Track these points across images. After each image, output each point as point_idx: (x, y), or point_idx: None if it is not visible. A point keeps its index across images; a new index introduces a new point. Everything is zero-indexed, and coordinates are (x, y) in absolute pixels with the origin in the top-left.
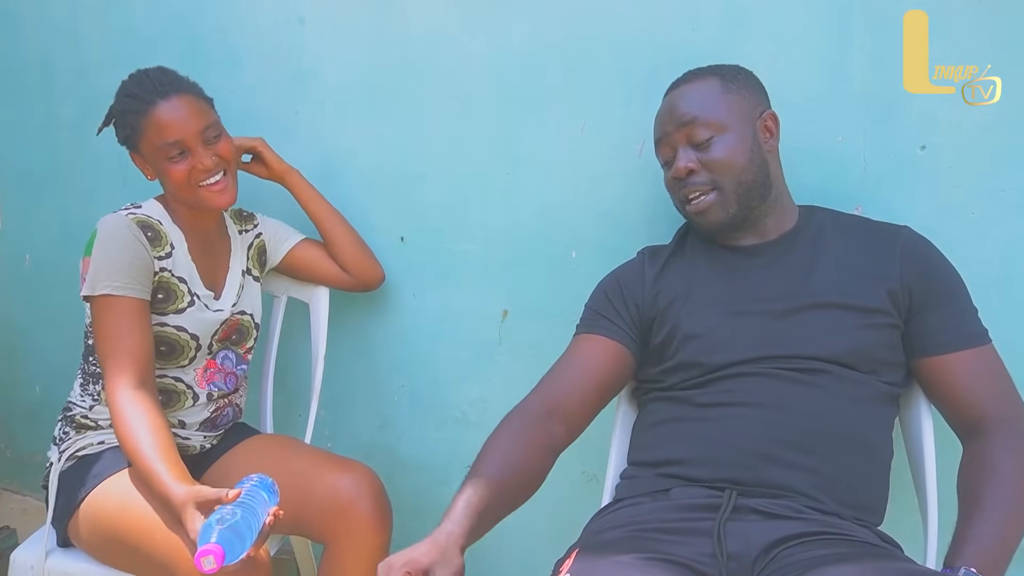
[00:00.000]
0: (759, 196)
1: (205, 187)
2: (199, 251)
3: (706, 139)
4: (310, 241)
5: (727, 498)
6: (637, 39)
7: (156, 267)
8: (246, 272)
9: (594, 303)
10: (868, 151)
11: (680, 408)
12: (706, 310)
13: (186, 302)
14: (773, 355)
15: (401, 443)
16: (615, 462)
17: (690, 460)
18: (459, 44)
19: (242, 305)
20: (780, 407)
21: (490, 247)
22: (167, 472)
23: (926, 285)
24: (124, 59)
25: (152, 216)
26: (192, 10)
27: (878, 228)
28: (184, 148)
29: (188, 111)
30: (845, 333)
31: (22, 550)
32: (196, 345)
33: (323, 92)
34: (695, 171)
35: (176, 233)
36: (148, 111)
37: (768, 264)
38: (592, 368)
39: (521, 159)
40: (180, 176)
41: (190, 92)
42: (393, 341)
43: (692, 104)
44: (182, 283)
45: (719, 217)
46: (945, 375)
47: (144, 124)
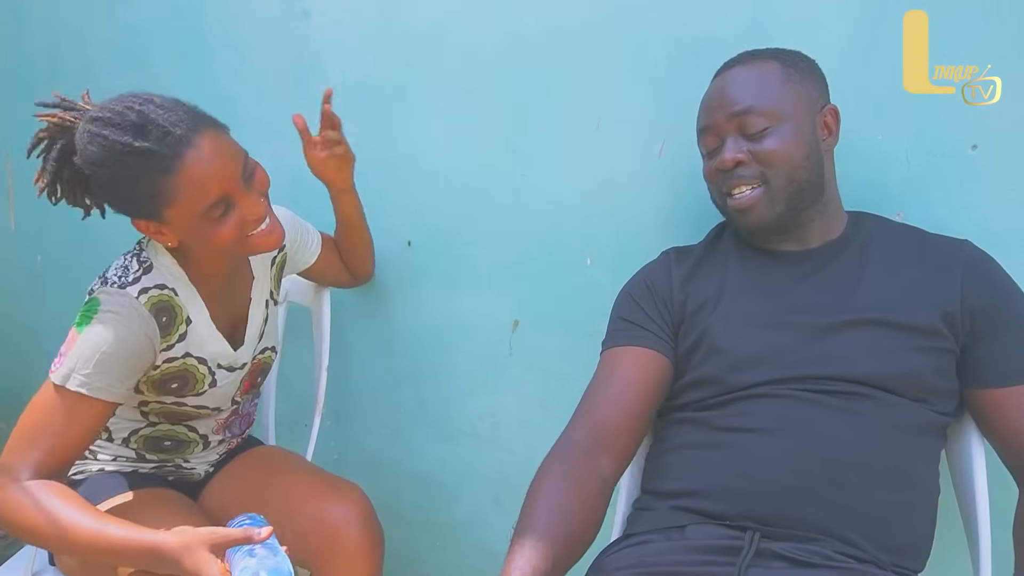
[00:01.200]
0: (809, 198)
1: (256, 235)
2: (221, 306)
3: (761, 129)
4: (327, 243)
5: (749, 540)
6: (657, 27)
7: (159, 360)
8: (268, 303)
9: (621, 310)
10: (912, 150)
11: (696, 432)
12: (735, 320)
13: (207, 384)
14: (806, 375)
15: (408, 457)
16: (627, 489)
17: (707, 493)
18: (467, 36)
19: (264, 343)
20: (812, 435)
21: (500, 253)
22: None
23: (990, 309)
24: (129, 56)
25: (167, 286)
26: (195, 5)
27: (936, 241)
28: (229, 201)
29: (222, 153)
30: (892, 355)
31: (5, 569)
32: (217, 412)
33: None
34: (744, 162)
35: (194, 301)
36: (176, 169)
37: (807, 273)
38: (633, 387)
39: (532, 159)
40: (231, 234)
41: (209, 125)
42: (399, 350)
43: (747, 90)
44: (202, 364)
45: (764, 216)
46: (1004, 410)
47: (172, 187)
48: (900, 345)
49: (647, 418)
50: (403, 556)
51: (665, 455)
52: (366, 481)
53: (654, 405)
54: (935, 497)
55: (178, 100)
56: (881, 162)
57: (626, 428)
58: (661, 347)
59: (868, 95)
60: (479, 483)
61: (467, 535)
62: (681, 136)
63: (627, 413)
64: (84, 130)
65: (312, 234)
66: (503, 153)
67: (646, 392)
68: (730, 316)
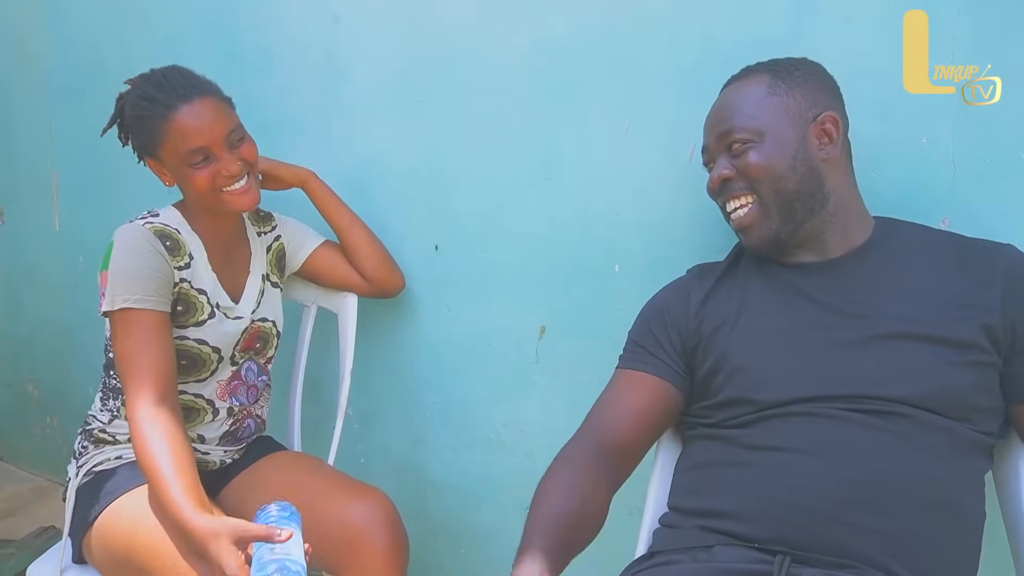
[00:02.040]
0: (806, 209)
1: (228, 192)
2: (219, 259)
3: (742, 146)
4: (330, 244)
5: (779, 565)
6: (689, 28)
7: (176, 278)
8: (265, 278)
9: (636, 333)
10: (959, 154)
11: (726, 449)
12: (757, 338)
13: (206, 314)
14: (839, 394)
15: (433, 463)
16: (653, 505)
17: (736, 514)
18: (494, 39)
19: (263, 312)
20: (846, 457)
21: (527, 258)
22: (185, 498)
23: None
24: (169, 59)
25: (170, 225)
26: (228, 9)
27: (974, 246)
28: (208, 154)
29: (212, 115)
30: (931, 370)
31: (38, 564)
32: (218, 358)
33: (356, 93)
34: (730, 178)
35: (195, 242)
36: (170, 115)
37: (832, 284)
38: (636, 408)
39: (560, 163)
40: (204, 182)
41: (212, 94)
42: (425, 355)
43: (731, 109)
44: (201, 295)
45: (763, 233)
46: None
47: (165, 129)
48: (937, 360)
49: (648, 441)
50: (427, 563)
51: (693, 471)
52: (391, 486)
53: (657, 429)
54: (980, 523)
55: (204, 77)
56: (926, 167)
57: (628, 441)
58: (667, 374)
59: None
60: (503, 491)
61: (491, 543)
62: None
63: (627, 429)
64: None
65: (311, 234)
66: (530, 157)
67: (647, 415)
68: (752, 334)
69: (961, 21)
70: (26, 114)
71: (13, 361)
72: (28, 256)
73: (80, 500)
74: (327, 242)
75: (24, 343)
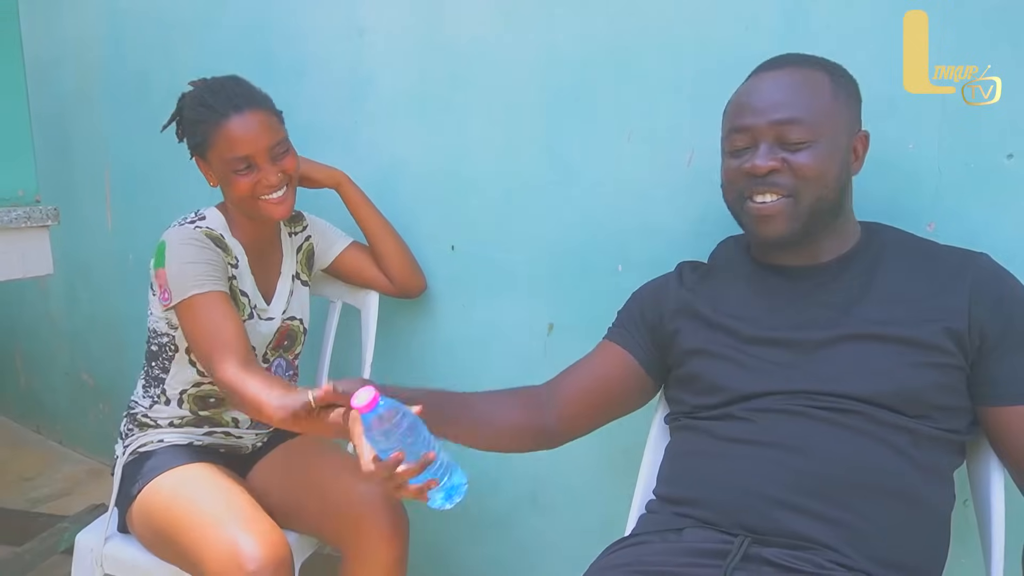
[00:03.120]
0: (826, 219)
1: (266, 200)
2: (257, 263)
3: (801, 141)
4: (357, 245)
5: (737, 545)
6: (686, 39)
7: (230, 272)
8: (295, 277)
9: (623, 310)
10: (944, 160)
11: (701, 440)
12: (734, 334)
13: (246, 315)
14: (803, 390)
15: (450, 451)
16: (641, 491)
17: (705, 501)
18: (506, 51)
19: (292, 311)
20: (809, 451)
21: (537, 258)
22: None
23: (1001, 326)
24: (211, 71)
25: (216, 229)
26: (264, 24)
27: (948, 253)
28: (251, 163)
29: (260, 127)
30: (890, 371)
31: (85, 533)
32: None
33: (379, 101)
34: (778, 171)
35: (238, 247)
36: (221, 123)
37: (813, 289)
38: (599, 373)
39: (567, 168)
40: (244, 189)
41: (263, 107)
42: (443, 349)
43: (796, 99)
44: (243, 296)
45: (782, 229)
46: (1012, 430)
47: (215, 135)
48: (899, 361)
49: (605, 403)
50: (444, 549)
51: (674, 460)
52: None
53: (615, 396)
54: (944, 513)
55: (260, 90)
56: (912, 172)
57: (578, 403)
58: (634, 349)
59: (901, 97)
60: (517, 480)
61: (505, 530)
62: (710, 146)
63: (582, 391)
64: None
65: (339, 236)
66: (539, 162)
67: (606, 382)
68: (729, 329)
69: (961, 21)
70: (82, 121)
71: (70, 352)
72: (83, 254)
73: (125, 476)
74: (355, 243)
75: (80, 335)
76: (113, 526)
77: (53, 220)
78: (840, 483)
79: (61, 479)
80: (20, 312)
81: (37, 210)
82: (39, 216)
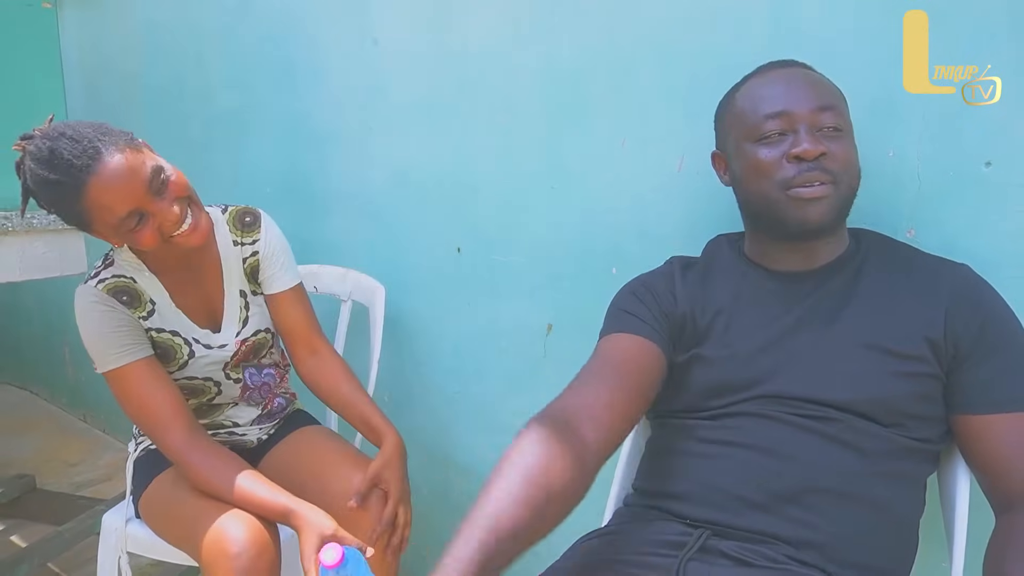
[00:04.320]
0: (846, 213)
1: (179, 235)
2: (184, 292)
3: (837, 128)
4: (298, 290)
5: (696, 537)
6: (677, 48)
7: (144, 326)
8: (244, 293)
9: (622, 303)
10: (923, 167)
11: (683, 440)
12: (733, 338)
13: (185, 354)
14: (781, 395)
15: (457, 449)
16: (619, 483)
17: (678, 496)
18: (508, 61)
19: (252, 327)
20: (783, 455)
21: (536, 261)
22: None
23: (976, 335)
24: (238, 79)
25: (125, 275)
26: (286, 35)
27: (929, 263)
28: (142, 213)
29: (126, 175)
30: (867, 379)
31: (111, 514)
32: (215, 384)
33: (391, 109)
34: (827, 154)
35: (154, 285)
36: (83, 194)
37: (802, 295)
38: (623, 369)
39: (565, 173)
40: (151, 239)
41: (114, 149)
42: (449, 349)
43: (828, 90)
44: (175, 336)
45: (824, 214)
46: (984, 439)
47: (86, 209)
48: (878, 370)
49: (637, 403)
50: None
51: (654, 457)
52: (419, 469)
53: (647, 391)
54: (913, 520)
55: (95, 125)
56: (892, 178)
57: (610, 408)
58: (655, 338)
59: (881, 104)
60: None
61: None
62: (699, 151)
63: (612, 395)
64: (23, 161)
65: (286, 271)
66: (539, 168)
67: (637, 378)
68: (729, 332)
69: (961, 21)
70: (121, 125)
71: None
72: None
73: (136, 470)
74: (298, 287)
75: None
76: (131, 512)
77: None
78: (806, 486)
79: (103, 465)
80: (69, 309)
81: None
82: None
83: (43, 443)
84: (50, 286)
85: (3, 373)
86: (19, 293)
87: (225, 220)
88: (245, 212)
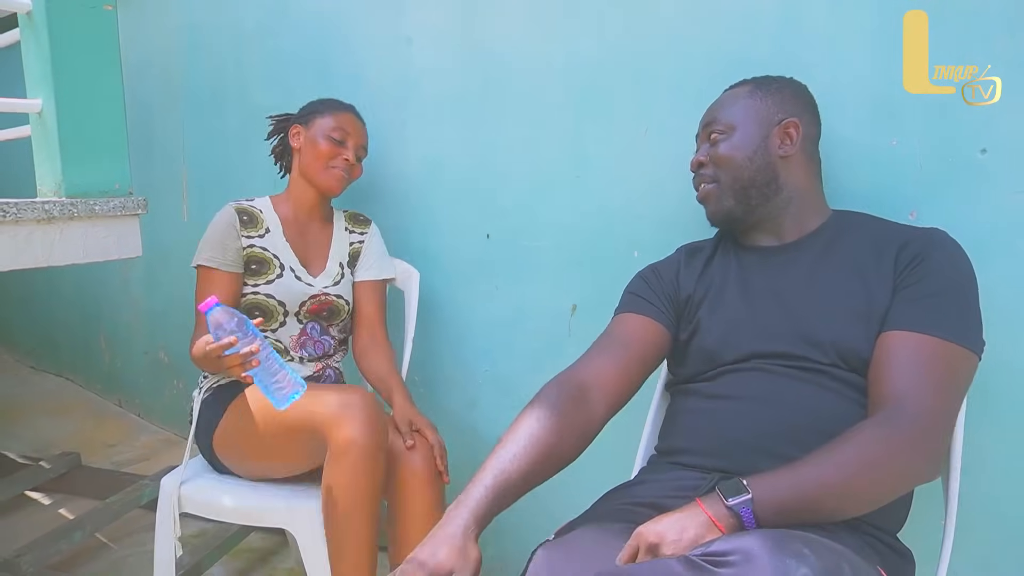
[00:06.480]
0: (760, 195)
1: (331, 169)
2: (294, 236)
3: (717, 138)
4: (382, 285)
5: (709, 481)
6: (698, 48)
7: (244, 244)
8: (342, 266)
9: (632, 287)
10: (924, 154)
11: (690, 400)
12: (723, 309)
13: (275, 273)
14: (773, 352)
15: (486, 424)
16: (644, 445)
17: (690, 449)
18: (535, 56)
19: (339, 290)
20: (771, 401)
21: (561, 245)
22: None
23: (913, 276)
24: (275, 79)
25: (255, 206)
26: (323, 35)
27: (893, 230)
28: (344, 141)
29: (359, 130)
30: (836, 332)
31: (168, 478)
32: (284, 311)
33: (424, 104)
34: (704, 164)
35: (274, 220)
36: (338, 110)
37: (782, 264)
38: (629, 347)
39: (589, 162)
40: (328, 150)
41: (360, 118)
42: (478, 329)
43: (717, 107)
44: (275, 258)
45: (716, 207)
46: (882, 351)
47: (327, 112)
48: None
49: (639, 374)
50: None
51: (671, 419)
52: (450, 444)
53: (647, 362)
54: None
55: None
56: (894, 165)
57: (616, 378)
58: (660, 318)
59: (880, 102)
60: None
61: (537, 497)
62: None
63: (618, 366)
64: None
65: (381, 267)
66: (563, 157)
67: (640, 352)
68: (720, 305)
69: (961, 21)
70: (163, 124)
71: (150, 332)
72: (164, 242)
73: (203, 411)
74: (380, 283)
75: (159, 316)
76: (189, 472)
77: (143, 210)
78: (806, 430)
79: (140, 446)
80: (105, 298)
81: (130, 201)
82: (132, 206)
83: (81, 425)
84: (87, 275)
85: (40, 361)
86: (56, 282)
87: (343, 215)
88: (360, 213)
